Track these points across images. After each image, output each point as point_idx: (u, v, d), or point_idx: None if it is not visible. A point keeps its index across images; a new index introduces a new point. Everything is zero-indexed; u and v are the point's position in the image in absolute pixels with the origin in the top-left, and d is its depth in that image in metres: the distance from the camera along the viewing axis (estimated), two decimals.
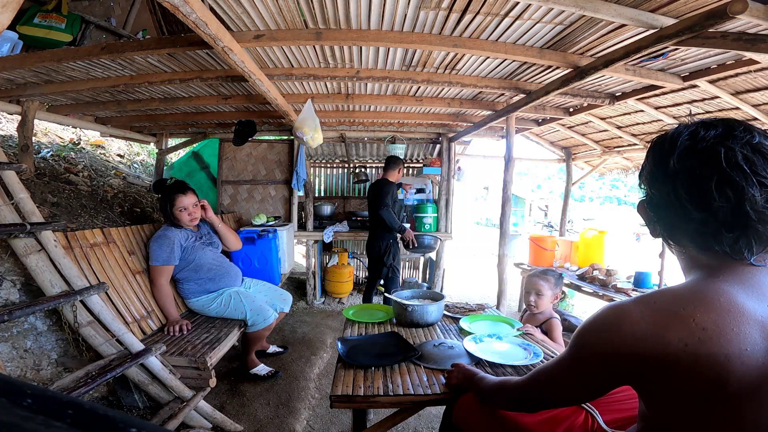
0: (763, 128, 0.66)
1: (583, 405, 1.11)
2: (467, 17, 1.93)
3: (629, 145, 4.44)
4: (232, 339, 2.28)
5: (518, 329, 1.80)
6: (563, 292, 2.12)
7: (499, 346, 1.59)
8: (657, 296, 0.67)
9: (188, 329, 2.20)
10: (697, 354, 0.60)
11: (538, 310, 1.95)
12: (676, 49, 2.16)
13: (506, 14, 1.89)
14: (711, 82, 2.62)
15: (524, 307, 2.10)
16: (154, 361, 1.79)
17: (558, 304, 2.10)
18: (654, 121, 3.67)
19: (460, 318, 2.03)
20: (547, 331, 1.92)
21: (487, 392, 1.08)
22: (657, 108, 3.35)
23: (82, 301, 1.70)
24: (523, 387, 0.91)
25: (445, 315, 2.07)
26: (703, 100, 3.02)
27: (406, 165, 5.19)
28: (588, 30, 2.03)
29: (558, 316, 1.98)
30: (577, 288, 3.56)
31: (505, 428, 1.07)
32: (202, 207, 2.51)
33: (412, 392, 1.28)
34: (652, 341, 0.63)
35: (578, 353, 0.75)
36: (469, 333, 1.78)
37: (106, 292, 1.90)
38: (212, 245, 2.55)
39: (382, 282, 3.73)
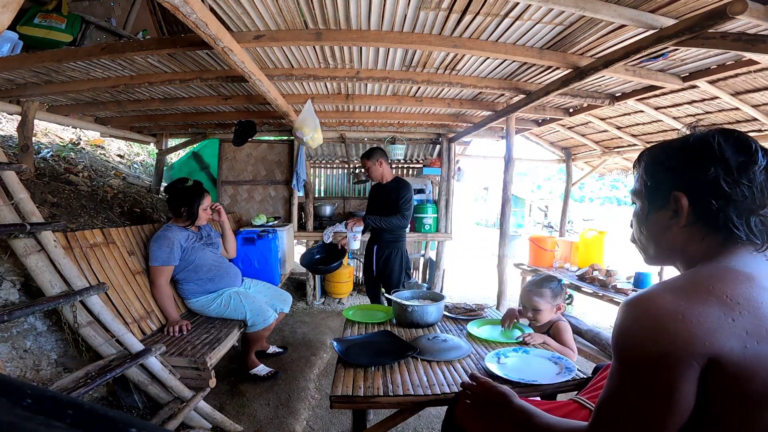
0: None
1: (588, 406, 1.10)
2: (467, 18, 1.93)
3: (629, 145, 4.45)
4: (232, 339, 2.28)
5: (517, 338, 1.72)
6: (569, 295, 1.98)
7: (525, 361, 1.48)
8: (677, 282, 0.66)
9: (188, 329, 2.20)
10: (745, 328, 0.56)
11: (538, 323, 1.83)
12: (676, 49, 2.16)
13: (506, 15, 1.89)
14: (711, 82, 2.62)
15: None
16: (153, 362, 1.79)
17: (564, 309, 1.98)
18: (654, 121, 3.67)
19: (458, 318, 2.03)
20: (554, 335, 1.78)
21: None
22: (657, 108, 3.35)
23: (81, 302, 1.70)
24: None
25: (445, 315, 2.07)
26: (703, 100, 3.02)
27: (405, 165, 5.19)
28: (588, 30, 2.03)
29: (564, 319, 1.87)
30: (577, 288, 3.56)
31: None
32: (217, 210, 2.64)
33: (412, 393, 1.28)
34: (704, 319, 0.57)
35: (635, 368, 0.62)
36: (476, 338, 1.76)
37: (106, 293, 1.89)
38: (212, 246, 2.56)
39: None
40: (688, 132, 0.75)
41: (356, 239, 2.88)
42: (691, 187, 0.70)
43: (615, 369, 0.65)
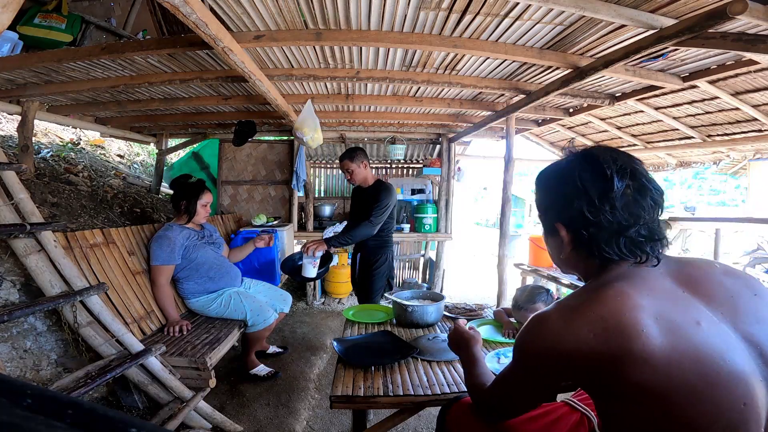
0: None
1: (579, 407, 1.11)
2: (467, 18, 1.93)
3: (629, 145, 4.45)
4: (232, 339, 2.28)
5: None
6: (558, 299, 1.99)
7: None
8: (565, 299, 0.77)
9: (188, 330, 2.20)
10: (606, 341, 0.66)
11: None
12: (676, 49, 2.16)
13: (506, 15, 1.90)
14: (711, 82, 2.62)
15: None
16: (153, 362, 1.79)
17: None
18: (654, 121, 3.67)
19: (458, 318, 2.03)
20: None
21: (467, 384, 1.09)
22: (657, 108, 3.36)
23: (81, 302, 1.70)
24: (488, 396, 0.94)
25: (445, 315, 2.07)
26: (703, 100, 3.02)
27: (405, 166, 5.19)
28: (588, 30, 2.03)
29: None
30: (577, 288, 3.56)
31: None
32: (266, 241, 2.87)
33: (412, 393, 1.28)
34: (571, 338, 0.70)
35: (520, 361, 0.81)
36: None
37: (106, 293, 1.89)
38: (214, 245, 2.57)
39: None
40: (565, 154, 0.84)
41: (315, 265, 2.40)
42: (566, 219, 0.80)
43: (512, 358, 0.84)
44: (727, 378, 0.63)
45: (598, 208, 0.73)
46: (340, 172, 5.18)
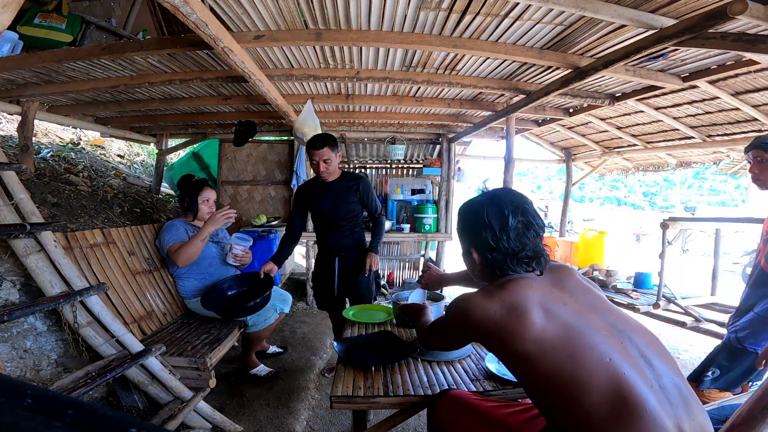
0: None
1: None
2: (467, 18, 1.93)
3: (629, 145, 4.45)
4: (232, 339, 2.28)
5: None
6: None
7: None
8: (481, 288, 1.04)
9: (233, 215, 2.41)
10: (506, 317, 0.92)
11: None
12: (676, 49, 2.16)
13: (506, 15, 1.90)
14: (711, 82, 2.62)
15: None
16: (153, 362, 1.79)
17: None
18: (654, 121, 3.67)
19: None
20: None
21: (416, 327, 1.42)
22: (657, 108, 3.36)
23: (81, 302, 1.70)
24: (428, 332, 1.25)
25: None
26: (703, 100, 3.02)
27: (405, 166, 5.19)
28: (588, 30, 2.03)
29: None
30: None
31: (488, 428, 1.09)
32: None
33: (412, 393, 1.28)
34: (481, 310, 0.96)
35: (448, 319, 1.10)
36: None
37: (106, 293, 1.89)
38: (219, 244, 2.60)
39: (384, 282, 3.67)
40: (479, 192, 1.13)
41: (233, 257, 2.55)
42: (477, 245, 1.06)
43: (446, 315, 1.12)
44: (589, 340, 0.86)
45: (499, 238, 1.00)
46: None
